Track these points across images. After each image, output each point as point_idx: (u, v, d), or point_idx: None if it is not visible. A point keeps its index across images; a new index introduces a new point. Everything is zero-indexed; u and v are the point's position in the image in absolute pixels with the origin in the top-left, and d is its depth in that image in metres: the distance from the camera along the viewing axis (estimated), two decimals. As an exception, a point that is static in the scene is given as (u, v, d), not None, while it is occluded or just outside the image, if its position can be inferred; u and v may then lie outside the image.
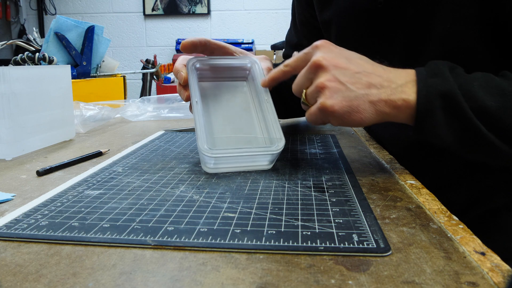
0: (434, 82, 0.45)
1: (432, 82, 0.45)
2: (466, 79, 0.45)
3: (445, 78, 0.45)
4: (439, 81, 0.45)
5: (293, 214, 0.38)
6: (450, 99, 0.44)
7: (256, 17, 3.57)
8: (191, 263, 0.29)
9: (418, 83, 0.45)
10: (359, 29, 0.67)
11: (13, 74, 0.59)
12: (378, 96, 0.45)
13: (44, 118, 0.67)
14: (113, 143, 0.71)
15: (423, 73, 0.46)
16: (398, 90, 0.46)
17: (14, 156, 0.61)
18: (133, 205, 0.40)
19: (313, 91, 0.47)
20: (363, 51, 0.68)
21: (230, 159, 0.50)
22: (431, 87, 0.45)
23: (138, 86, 2.64)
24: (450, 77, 0.45)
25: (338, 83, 0.45)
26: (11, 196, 0.44)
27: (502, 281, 0.27)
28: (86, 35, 1.39)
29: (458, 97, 0.43)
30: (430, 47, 0.58)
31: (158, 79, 2.43)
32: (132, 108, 0.99)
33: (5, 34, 3.55)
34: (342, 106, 0.45)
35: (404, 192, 0.44)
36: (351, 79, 0.45)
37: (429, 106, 0.44)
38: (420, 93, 0.45)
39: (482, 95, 0.43)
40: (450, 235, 0.33)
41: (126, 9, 3.64)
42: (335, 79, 0.45)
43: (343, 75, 0.46)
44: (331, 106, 0.45)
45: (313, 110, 0.48)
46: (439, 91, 0.44)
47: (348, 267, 0.29)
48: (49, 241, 0.33)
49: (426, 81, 0.45)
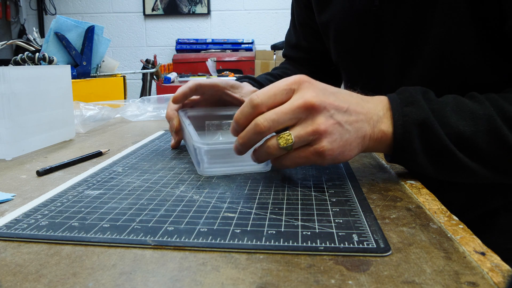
0: (410, 111, 0.45)
1: (408, 111, 0.45)
2: (439, 104, 0.45)
3: (420, 106, 0.45)
4: (414, 109, 0.45)
5: (293, 214, 0.38)
6: (427, 127, 0.44)
7: (256, 17, 3.57)
8: (191, 263, 0.29)
9: (394, 113, 0.45)
10: (356, 30, 0.67)
11: (13, 74, 0.59)
12: (365, 131, 0.44)
13: (44, 118, 0.67)
14: (113, 143, 0.71)
15: (397, 101, 0.46)
16: (379, 122, 0.45)
17: (14, 156, 0.61)
18: (133, 205, 0.40)
19: (305, 135, 0.41)
20: (360, 53, 0.69)
21: (224, 155, 0.49)
22: (406, 116, 0.44)
23: (138, 86, 2.64)
24: (424, 104, 0.45)
25: (337, 125, 0.42)
26: (11, 196, 0.44)
27: (502, 281, 0.27)
28: (86, 35, 1.39)
29: (434, 125, 0.44)
30: (426, 50, 0.58)
31: (158, 79, 2.43)
32: (132, 108, 0.99)
33: (5, 34, 3.55)
34: (339, 147, 0.43)
35: (404, 192, 0.44)
36: (344, 117, 0.43)
37: (406, 135, 0.44)
38: (397, 123, 0.45)
39: (456, 121, 0.44)
40: (450, 235, 0.33)
41: (126, 9, 3.64)
42: (333, 120, 0.42)
43: (338, 114, 0.42)
44: (330, 150, 0.42)
45: (304, 154, 0.42)
46: (415, 120, 0.44)
47: (348, 267, 0.29)
48: (49, 241, 0.33)
49: (402, 110, 0.45)
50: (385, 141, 0.46)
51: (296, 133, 0.41)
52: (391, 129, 0.45)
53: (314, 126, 0.41)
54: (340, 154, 0.43)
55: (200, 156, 0.49)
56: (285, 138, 0.42)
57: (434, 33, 0.56)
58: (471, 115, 0.44)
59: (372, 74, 0.69)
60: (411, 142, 0.44)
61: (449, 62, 0.56)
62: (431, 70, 0.59)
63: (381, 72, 0.67)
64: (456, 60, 0.56)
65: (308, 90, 0.42)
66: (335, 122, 0.42)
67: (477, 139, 0.43)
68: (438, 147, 0.44)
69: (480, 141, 0.43)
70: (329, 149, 0.42)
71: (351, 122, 0.43)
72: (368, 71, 0.69)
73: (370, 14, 0.63)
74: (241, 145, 0.44)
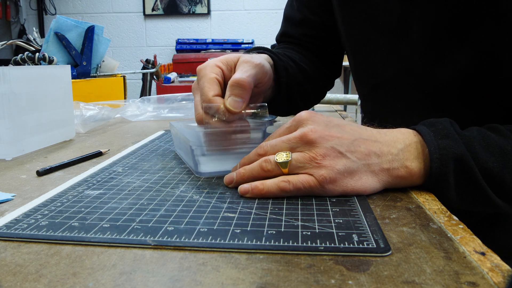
0: (447, 145, 0.42)
1: (445, 145, 0.42)
2: (467, 139, 0.43)
3: (455, 139, 0.42)
4: (451, 143, 0.42)
5: (293, 214, 0.38)
6: (463, 162, 0.42)
7: (256, 17, 3.57)
8: (191, 263, 0.29)
9: (429, 147, 0.42)
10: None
11: (13, 74, 0.59)
12: (380, 166, 0.42)
13: (44, 118, 0.67)
14: (113, 143, 0.71)
15: (430, 133, 0.43)
16: (399, 156, 0.43)
17: (14, 156, 0.61)
18: (133, 205, 0.40)
19: (304, 159, 0.41)
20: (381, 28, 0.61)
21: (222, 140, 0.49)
22: (444, 149, 0.42)
23: (138, 86, 2.64)
24: (459, 139, 0.43)
25: (338, 153, 0.41)
26: (11, 196, 0.44)
27: (502, 281, 0.27)
28: (86, 35, 1.39)
29: (469, 161, 0.41)
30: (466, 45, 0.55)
31: (158, 79, 2.43)
32: (132, 108, 0.99)
33: (5, 34, 3.55)
34: (343, 178, 0.41)
35: (404, 192, 0.44)
36: (349, 147, 0.42)
37: (443, 170, 0.42)
38: (433, 156, 0.42)
39: (484, 156, 0.42)
40: (450, 235, 0.33)
41: (126, 9, 3.64)
42: (333, 150, 0.41)
43: (341, 145, 0.41)
44: (330, 179, 0.41)
45: (305, 179, 0.41)
46: (453, 154, 0.42)
47: (348, 267, 0.29)
48: (49, 241, 0.33)
49: (438, 144, 0.42)
50: (409, 177, 0.43)
51: (295, 156, 0.42)
52: (422, 164, 0.43)
53: (312, 153, 0.41)
54: (347, 185, 0.42)
55: (197, 157, 0.49)
56: (283, 155, 0.42)
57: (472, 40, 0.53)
58: (499, 151, 0.42)
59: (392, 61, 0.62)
60: (447, 177, 0.42)
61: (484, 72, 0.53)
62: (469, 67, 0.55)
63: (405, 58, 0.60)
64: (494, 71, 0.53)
65: (308, 125, 0.43)
66: (339, 152, 0.41)
67: (505, 175, 0.42)
68: (470, 183, 0.42)
69: (508, 178, 0.42)
70: (329, 178, 0.41)
71: (358, 154, 0.42)
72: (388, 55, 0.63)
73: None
74: (240, 164, 0.46)
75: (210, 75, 0.51)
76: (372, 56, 0.67)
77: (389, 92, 0.65)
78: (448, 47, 0.56)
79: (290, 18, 0.82)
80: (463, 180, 0.42)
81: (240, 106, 0.47)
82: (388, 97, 0.65)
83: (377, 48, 0.65)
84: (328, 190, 0.41)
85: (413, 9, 0.58)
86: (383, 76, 0.65)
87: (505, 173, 0.42)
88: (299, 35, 0.80)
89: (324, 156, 0.41)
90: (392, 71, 0.63)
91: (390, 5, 0.60)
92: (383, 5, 0.61)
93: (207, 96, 0.49)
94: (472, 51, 0.54)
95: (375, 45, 0.65)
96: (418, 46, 0.59)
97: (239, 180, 0.44)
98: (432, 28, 0.57)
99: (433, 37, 0.57)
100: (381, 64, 0.65)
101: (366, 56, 0.68)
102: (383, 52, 0.64)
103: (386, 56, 0.64)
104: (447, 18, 0.55)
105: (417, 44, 0.59)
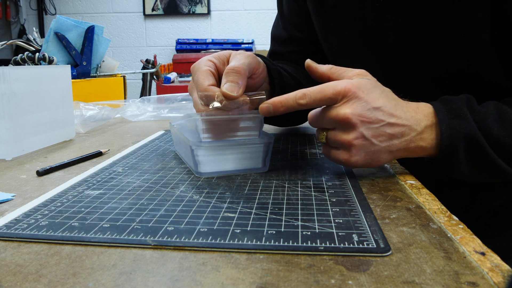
0: (457, 124, 0.46)
1: (455, 124, 0.46)
2: (481, 115, 0.46)
3: (466, 119, 0.46)
4: (462, 123, 0.46)
5: (293, 214, 0.38)
6: (473, 140, 0.45)
7: (256, 17, 3.57)
8: (191, 263, 0.29)
9: (441, 125, 0.46)
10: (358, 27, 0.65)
11: (13, 74, 0.59)
12: (398, 146, 0.47)
13: (44, 118, 0.67)
14: (113, 143, 0.71)
15: (444, 112, 0.47)
16: (417, 138, 0.47)
17: (14, 156, 0.61)
18: (133, 205, 0.40)
19: (336, 142, 0.47)
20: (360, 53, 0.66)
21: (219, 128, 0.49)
22: (454, 129, 0.46)
23: (138, 86, 2.63)
24: (470, 118, 0.46)
25: (364, 139, 0.45)
26: (11, 196, 0.44)
27: (502, 281, 0.27)
28: (86, 35, 1.39)
29: (480, 138, 0.45)
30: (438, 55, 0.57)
31: (158, 79, 2.43)
32: (132, 108, 0.99)
33: (5, 34, 3.55)
34: (365, 160, 0.47)
35: (404, 192, 0.44)
36: (376, 132, 0.46)
37: (452, 148, 0.46)
38: (443, 135, 0.46)
39: (497, 131, 0.45)
40: (450, 235, 0.33)
41: (126, 9, 3.64)
42: (362, 136, 0.45)
43: (370, 129, 0.45)
44: (355, 162, 0.47)
45: (334, 156, 0.48)
46: (463, 134, 0.45)
47: (348, 267, 0.29)
48: (49, 241, 0.33)
49: (449, 123, 0.46)
50: (422, 153, 0.48)
51: (330, 136, 0.48)
52: (431, 145, 0.47)
53: (344, 138, 0.46)
54: (365, 165, 0.48)
55: (197, 157, 0.49)
56: (322, 136, 0.49)
57: (447, 39, 0.55)
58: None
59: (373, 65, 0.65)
60: (457, 155, 0.46)
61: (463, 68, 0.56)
62: (448, 66, 0.58)
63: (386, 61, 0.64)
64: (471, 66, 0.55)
65: (348, 105, 0.45)
66: (364, 137, 0.45)
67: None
68: (481, 157, 0.46)
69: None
70: (354, 161, 0.47)
71: (381, 137, 0.46)
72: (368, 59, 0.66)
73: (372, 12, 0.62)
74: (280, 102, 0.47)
75: (204, 68, 0.52)
76: (353, 63, 0.68)
77: None
78: (425, 48, 0.58)
79: (276, 38, 0.85)
80: (474, 156, 0.46)
81: (237, 90, 0.47)
82: None
83: (358, 54, 0.67)
84: (351, 166, 0.49)
85: (385, 14, 0.60)
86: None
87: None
88: (287, 53, 0.82)
89: (353, 143, 0.46)
90: (374, 74, 0.65)
91: (365, 13, 0.62)
92: (359, 13, 0.63)
93: (203, 85, 0.49)
94: (449, 51, 0.56)
95: (356, 51, 0.67)
96: (397, 49, 0.61)
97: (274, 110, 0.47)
98: (405, 31, 0.59)
99: (408, 40, 0.59)
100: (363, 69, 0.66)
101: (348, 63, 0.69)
102: (364, 57, 0.66)
103: (367, 61, 0.65)
104: (419, 20, 0.57)
105: (395, 48, 0.61)
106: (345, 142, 0.46)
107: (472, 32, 0.53)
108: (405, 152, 0.48)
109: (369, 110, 0.45)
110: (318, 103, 0.46)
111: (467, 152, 0.46)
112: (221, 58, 0.54)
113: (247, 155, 0.51)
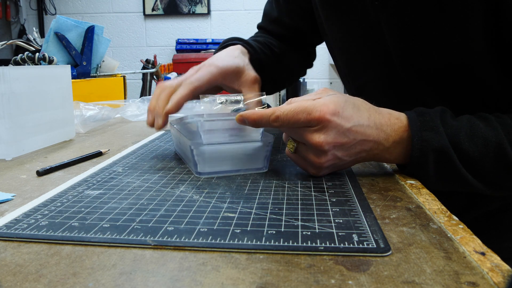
0: (430, 137, 0.46)
1: (428, 137, 0.46)
2: (454, 130, 0.47)
3: (438, 132, 0.46)
4: (434, 136, 0.46)
5: (293, 214, 0.38)
6: (444, 153, 0.46)
7: (256, 17, 3.57)
8: (191, 263, 0.29)
9: (413, 137, 0.47)
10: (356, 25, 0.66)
11: (13, 74, 0.59)
12: (365, 158, 0.49)
13: (44, 118, 0.67)
14: (113, 143, 0.71)
15: (417, 124, 0.47)
16: (383, 152, 0.48)
17: (14, 156, 0.61)
18: (133, 205, 0.40)
19: (306, 159, 0.48)
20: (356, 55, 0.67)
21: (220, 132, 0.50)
22: (426, 141, 0.46)
23: (138, 86, 2.63)
24: (442, 131, 0.47)
25: (335, 159, 0.47)
26: (11, 196, 0.44)
27: (502, 281, 0.27)
28: (86, 35, 1.39)
29: (450, 152, 0.46)
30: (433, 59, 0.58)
31: (158, 79, 2.43)
32: (132, 108, 0.99)
33: (5, 34, 3.55)
34: (332, 171, 0.50)
35: (404, 192, 0.44)
36: (346, 151, 0.47)
37: (423, 159, 0.47)
38: (415, 147, 0.46)
39: (468, 147, 0.46)
40: (450, 235, 0.33)
41: (126, 9, 3.64)
42: (333, 157, 0.47)
43: (341, 150, 0.46)
44: (322, 175, 0.49)
45: (302, 167, 0.50)
46: (434, 146, 0.46)
47: (348, 267, 0.29)
48: (49, 241, 0.33)
49: (421, 135, 0.46)
50: (389, 162, 0.51)
51: (300, 150, 0.48)
52: (401, 156, 0.49)
53: (316, 161, 0.47)
54: (329, 172, 0.50)
55: (197, 157, 0.49)
56: (291, 145, 0.49)
57: (443, 39, 0.56)
58: (483, 141, 0.46)
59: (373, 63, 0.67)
60: (426, 166, 0.47)
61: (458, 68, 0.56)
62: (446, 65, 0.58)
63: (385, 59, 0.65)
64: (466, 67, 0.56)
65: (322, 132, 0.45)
66: (336, 157, 0.47)
67: (485, 163, 0.46)
68: (450, 170, 0.47)
69: (487, 165, 0.46)
70: (322, 174, 0.49)
71: (352, 154, 0.47)
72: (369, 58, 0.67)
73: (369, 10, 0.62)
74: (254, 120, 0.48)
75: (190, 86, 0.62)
76: (355, 62, 0.71)
77: (374, 90, 0.69)
78: (421, 47, 0.58)
79: (267, 14, 0.88)
80: (443, 169, 0.47)
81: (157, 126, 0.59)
82: (375, 93, 0.69)
83: (355, 49, 0.69)
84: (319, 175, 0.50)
85: (382, 14, 0.60)
86: (368, 76, 0.69)
87: (485, 161, 0.46)
88: (274, 33, 0.87)
89: (323, 164, 0.47)
90: (375, 72, 0.68)
91: (365, 13, 0.63)
92: (360, 13, 0.64)
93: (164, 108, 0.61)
94: (445, 51, 0.57)
95: (357, 51, 0.69)
96: (394, 48, 0.62)
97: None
98: (402, 31, 0.59)
99: (405, 39, 0.60)
100: (365, 67, 0.69)
101: (350, 62, 0.73)
102: (365, 56, 0.67)
103: (368, 59, 0.67)
104: (415, 20, 0.57)
105: (392, 46, 0.62)
106: (316, 163, 0.47)
107: (468, 33, 0.53)
108: (371, 160, 0.51)
109: (342, 134, 0.46)
110: (291, 126, 0.47)
111: (436, 164, 0.47)
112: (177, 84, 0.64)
113: (247, 155, 0.51)
